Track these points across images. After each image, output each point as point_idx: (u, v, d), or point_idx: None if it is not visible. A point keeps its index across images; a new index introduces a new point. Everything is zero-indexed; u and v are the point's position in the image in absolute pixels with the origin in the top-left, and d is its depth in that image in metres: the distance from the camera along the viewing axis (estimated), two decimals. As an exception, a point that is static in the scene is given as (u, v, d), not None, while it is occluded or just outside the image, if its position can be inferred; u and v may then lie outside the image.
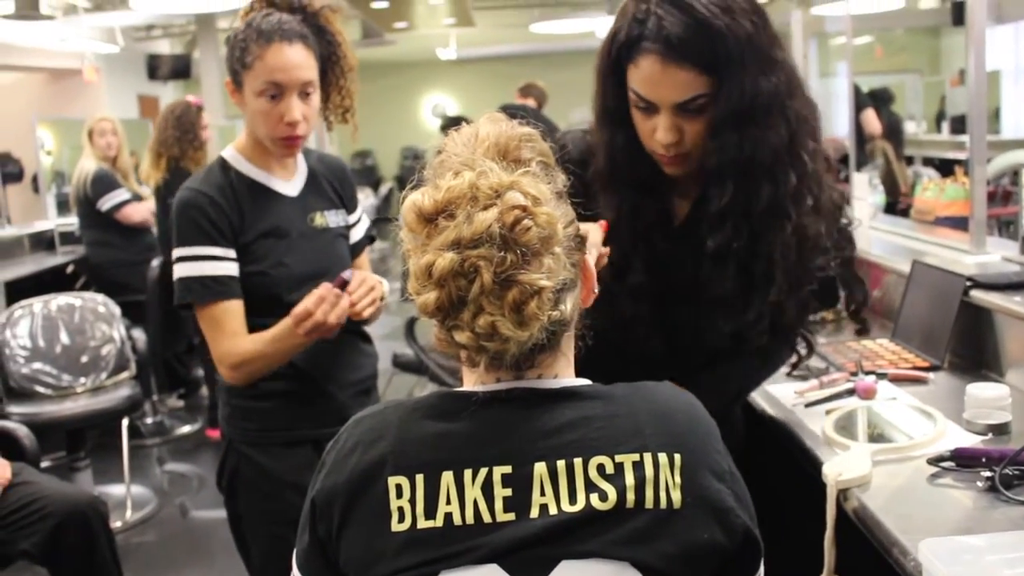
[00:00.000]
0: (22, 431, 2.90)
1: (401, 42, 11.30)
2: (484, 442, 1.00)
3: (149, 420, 5.13)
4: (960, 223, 2.96)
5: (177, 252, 1.87)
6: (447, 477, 0.99)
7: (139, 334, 4.23)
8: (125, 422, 4.12)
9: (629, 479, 0.96)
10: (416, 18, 10.69)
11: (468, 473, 0.98)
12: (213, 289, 1.84)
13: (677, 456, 0.98)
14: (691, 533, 0.97)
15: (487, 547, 0.97)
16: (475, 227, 0.94)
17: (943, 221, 3.05)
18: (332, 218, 2.01)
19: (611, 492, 0.96)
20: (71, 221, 5.69)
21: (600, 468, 0.97)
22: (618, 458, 0.97)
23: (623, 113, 1.46)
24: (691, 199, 1.55)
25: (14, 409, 3.68)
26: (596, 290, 1.08)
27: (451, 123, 6.22)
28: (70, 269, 5.37)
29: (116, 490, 4.09)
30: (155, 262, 4.88)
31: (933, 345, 2.03)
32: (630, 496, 0.96)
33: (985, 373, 1.94)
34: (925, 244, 2.70)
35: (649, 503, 0.96)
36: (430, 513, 0.98)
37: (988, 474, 1.38)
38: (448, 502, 0.98)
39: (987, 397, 1.65)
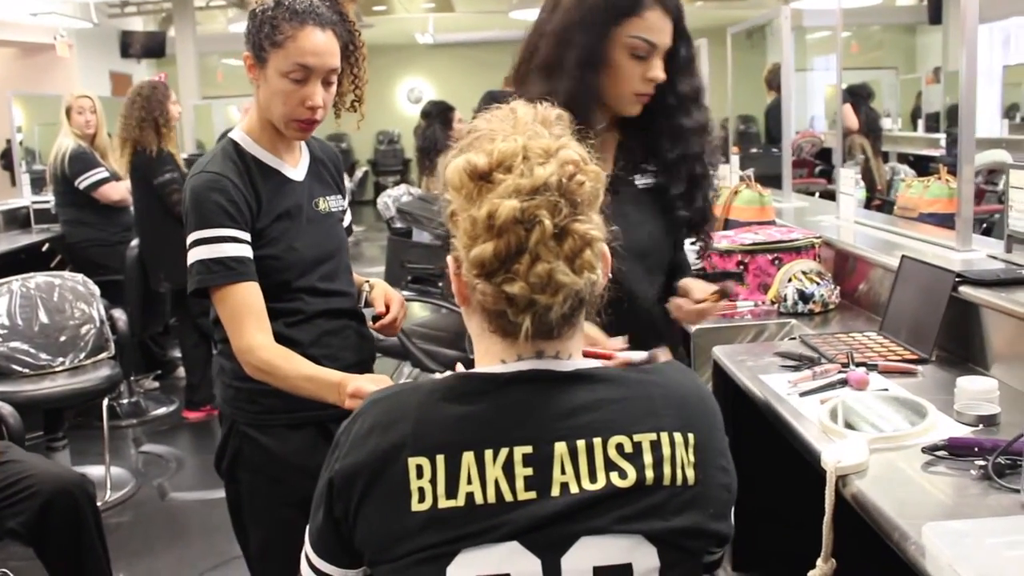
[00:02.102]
0: (6, 409, 2.88)
1: (379, 25, 11.26)
2: (504, 423, 1.03)
3: (125, 401, 5.10)
4: (944, 220, 3.03)
5: (196, 235, 1.82)
6: (468, 457, 1.01)
7: (119, 314, 4.20)
8: (105, 403, 4.10)
9: (647, 457, 1.01)
10: (394, 2, 10.65)
11: (489, 453, 1.01)
12: (236, 271, 1.80)
13: (691, 436, 1.03)
14: (702, 509, 1.03)
15: (509, 525, 1.00)
16: (535, 178, 0.99)
17: (927, 218, 3.11)
18: (333, 203, 2.02)
19: (630, 470, 1.00)
20: (46, 199, 5.62)
21: (619, 447, 1.01)
22: (636, 437, 1.01)
23: (600, 62, 1.71)
24: (613, 147, 1.83)
25: (-9, 387, 3.64)
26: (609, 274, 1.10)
27: (434, 108, 6.23)
28: (45, 247, 5.31)
29: (93, 471, 4.05)
30: (134, 242, 4.84)
31: (921, 339, 2.08)
32: (649, 474, 1.00)
33: (971, 367, 1.99)
34: (910, 240, 2.75)
35: (667, 480, 1.01)
36: (451, 493, 1.01)
37: (981, 463, 1.43)
38: (470, 482, 1.01)
39: (976, 390, 1.70)
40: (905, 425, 1.63)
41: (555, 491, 1.00)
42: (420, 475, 1.02)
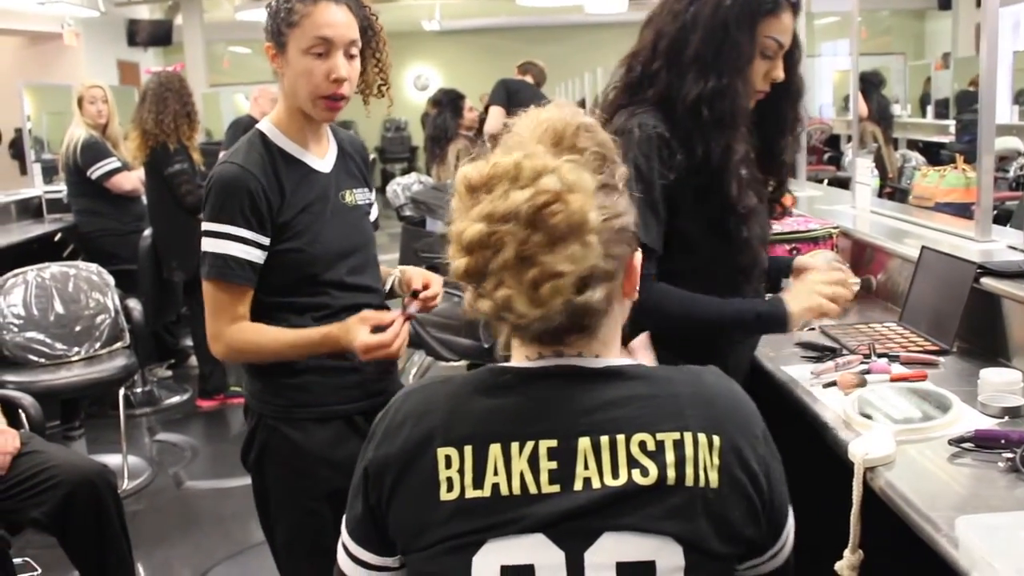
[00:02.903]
0: (27, 400, 2.90)
1: (384, 12, 11.20)
2: (531, 417, 1.04)
3: (139, 390, 5.13)
4: (960, 210, 3.03)
5: (208, 226, 1.86)
6: (495, 449, 1.03)
7: (134, 304, 4.22)
8: (121, 392, 4.12)
9: (670, 456, 1.00)
10: (401, -12, 10.61)
11: (515, 446, 1.03)
12: (234, 271, 1.84)
13: (716, 438, 1.02)
14: (726, 513, 1.01)
15: (533, 517, 1.01)
16: (507, 204, 0.98)
17: (943, 207, 3.11)
18: (360, 196, 2.03)
19: (652, 468, 1.00)
20: (58, 189, 5.64)
21: (642, 444, 1.01)
22: (659, 436, 1.01)
23: (746, 63, 1.76)
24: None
25: (8, 378, 3.66)
26: (637, 289, 1.09)
27: (445, 96, 6.23)
28: (58, 237, 5.33)
29: (109, 459, 4.08)
30: (147, 232, 4.86)
31: (941, 330, 2.08)
32: (671, 473, 1.00)
33: (992, 358, 2.00)
34: (927, 230, 2.75)
35: (689, 480, 1.00)
36: (478, 483, 1.03)
37: (1009, 455, 1.44)
38: (496, 473, 1.02)
39: (1001, 381, 1.71)
40: (918, 416, 1.64)
41: (578, 485, 1.01)
42: (449, 465, 1.04)
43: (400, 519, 1.07)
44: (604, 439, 1.02)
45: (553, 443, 1.02)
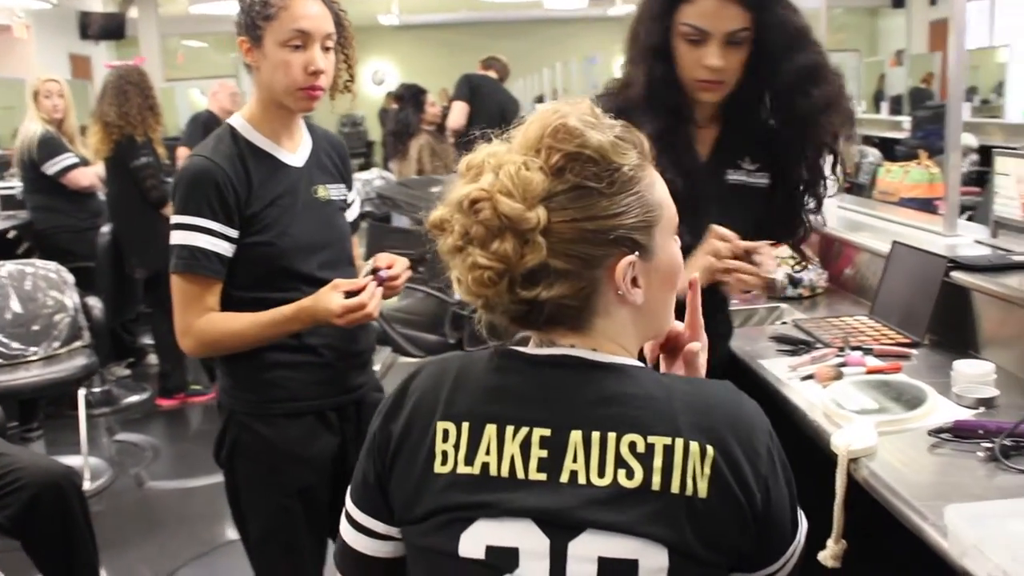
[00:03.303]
0: (-12, 401, 2.84)
1: (341, 6, 11.15)
2: (530, 403, 1.05)
3: (97, 390, 5.03)
4: (924, 204, 3.08)
5: (176, 219, 1.86)
6: (490, 429, 1.04)
7: (95, 302, 4.14)
8: (82, 392, 4.05)
9: (658, 461, 1.00)
10: (359, -17, 10.54)
11: (510, 429, 1.04)
12: (201, 263, 1.84)
13: (710, 448, 1.00)
14: (715, 523, 1.00)
15: (518, 502, 1.02)
16: (457, 194, 1.04)
17: (907, 202, 3.16)
18: (334, 191, 2.02)
19: (638, 471, 1.00)
20: (11, 185, 5.52)
21: (631, 445, 1.00)
22: (650, 439, 1.00)
23: (664, 48, 1.73)
24: (711, 140, 1.81)
25: (-35, 378, 3.58)
26: (623, 292, 1.07)
27: (407, 91, 6.20)
28: (12, 234, 5.21)
29: (69, 461, 3.99)
30: (105, 228, 4.77)
31: (913, 323, 2.12)
32: (656, 478, 0.99)
33: (962, 350, 2.03)
34: (893, 225, 2.79)
35: (675, 488, 0.99)
36: (469, 460, 1.04)
37: (988, 445, 1.47)
38: (488, 452, 1.04)
39: (974, 373, 1.74)
40: (895, 408, 1.67)
41: (564, 477, 1.01)
42: (446, 439, 1.06)
43: (398, 486, 1.09)
44: (595, 435, 1.02)
45: (546, 432, 1.03)
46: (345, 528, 1.18)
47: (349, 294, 1.86)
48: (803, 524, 1.11)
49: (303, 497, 2.00)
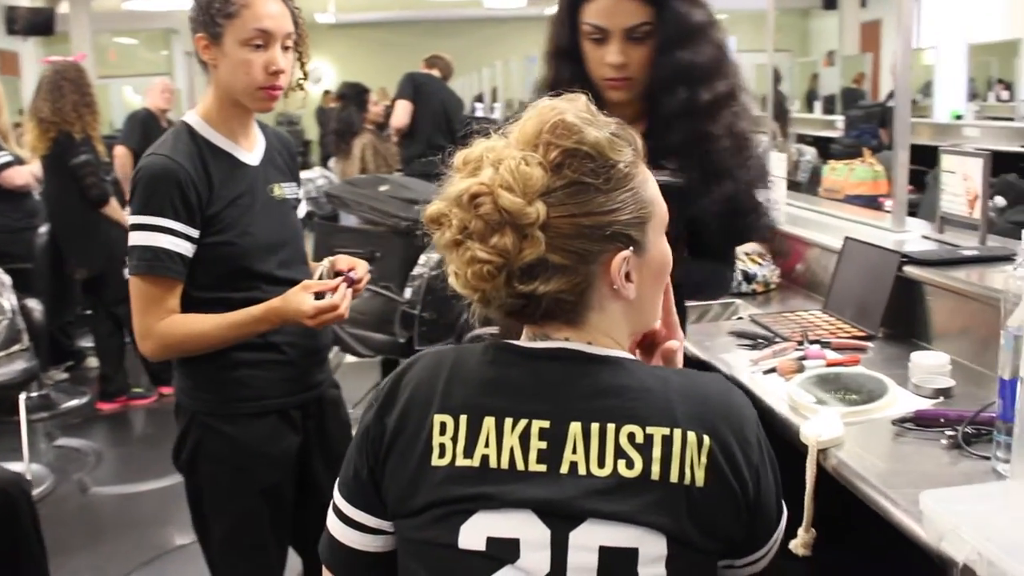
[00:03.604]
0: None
1: (295, 3, 11.01)
2: (528, 395, 1.07)
3: (35, 394, 4.90)
4: (868, 201, 3.17)
5: (137, 219, 1.83)
6: (489, 422, 1.06)
7: (35, 304, 4.04)
8: (22, 397, 3.95)
9: (657, 451, 1.02)
10: (295, -20, 10.40)
11: (509, 421, 1.05)
12: (164, 263, 1.82)
13: (706, 438, 1.03)
14: (711, 511, 1.03)
15: (519, 493, 1.03)
16: (456, 189, 1.05)
17: (852, 199, 3.24)
18: (288, 190, 2.03)
19: (638, 461, 1.02)
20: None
21: (631, 436, 1.03)
22: (649, 429, 1.03)
23: (572, 50, 1.72)
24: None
25: (-102, 385, 3.47)
26: (618, 287, 1.08)
27: (350, 90, 6.16)
28: (-58, 236, 5.05)
29: (10, 468, 3.91)
30: (42, 228, 4.66)
31: (867, 317, 2.17)
32: (655, 468, 1.02)
33: (915, 342, 2.10)
34: (840, 221, 2.86)
35: (674, 477, 1.02)
36: (468, 452, 1.05)
37: (950, 433, 1.52)
38: (487, 445, 1.05)
39: (930, 364, 1.80)
40: (858, 399, 1.72)
41: (564, 468, 1.03)
42: (443, 432, 1.06)
43: (393, 481, 1.10)
44: (595, 426, 1.03)
45: (545, 424, 1.04)
46: (334, 523, 1.17)
47: (317, 295, 1.85)
48: (785, 511, 1.15)
49: (268, 497, 1.99)
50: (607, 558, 1.01)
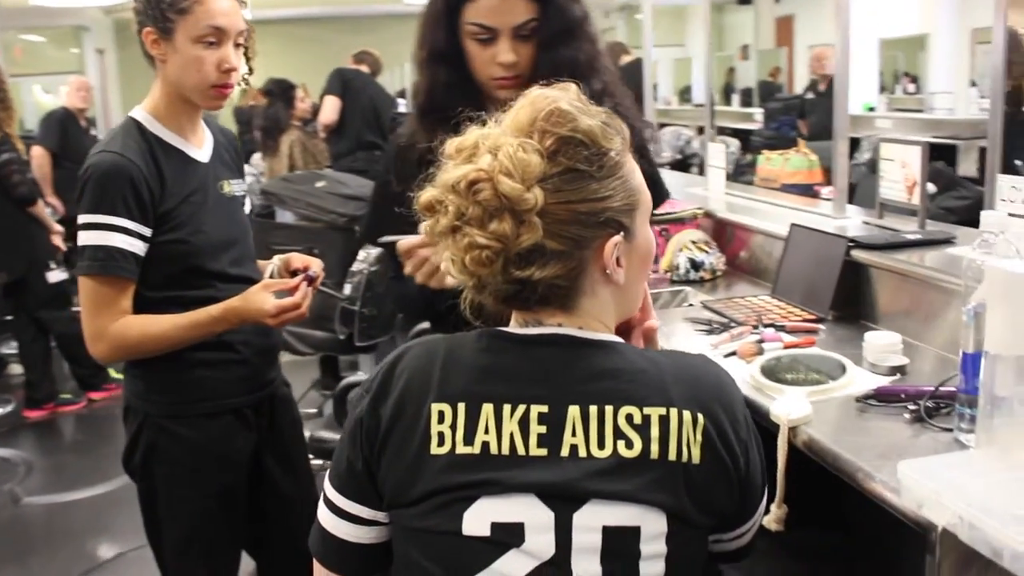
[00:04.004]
0: None
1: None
2: (525, 381, 1.08)
3: (-45, 404, 4.75)
4: (804, 190, 3.26)
5: (88, 218, 1.79)
6: (487, 408, 1.07)
7: (-42, 310, 3.89)
8: (-53, 406, 3.81)
9: (655, 431, 1.05)
10: (210, -25, 10.18)
11: (507, 407, 1.06)
12: (118, 263, 1.78)
13: (700, 417, 1.07)
14: (706, 487, 1.07)
15: (521, 478, 1.05)
16: (452, 176, 1.06)
17: (789, 188, 3.33)
18: (236, 186, 2.02)
19: (637, 441, 1.05)
20: None
21: (628, 417, 1.06)
22: (646, 410, 1.06)
23: (451, 52, 1.69)
24: None
25: None
26: (610, 272, 1.11)
27: (276, 86, 6.06)
28: None
29: (-68, 480, 3.78)
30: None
31: (816, 300, 2.24)
32: (654, 447, 1.05)
33: (863, 323, 2.17)
34: (780, 209, 2.94)
35: (672, 455, 1.05)
36: (469, 440, 1.06)
37: (913, 407, 1.58)
38: (487, 432, 1.06)
39: (884, 343, 1.87)
40: (819, 379, 1.78)
41: (565, 452, 1.05)
42: (441, 420, 1.07)
43: (390, 471, 1.10)
44: (593, 409, 1.06)
45: (544, 408, 1.06)
46: (326, 516, 1.17)
47: (279, 295, 1.84)
48: (766, 485, 1.19)
49: (223, 498, 1.98)
50: (610, 537, 1.04)
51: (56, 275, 4.64)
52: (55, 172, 5.73)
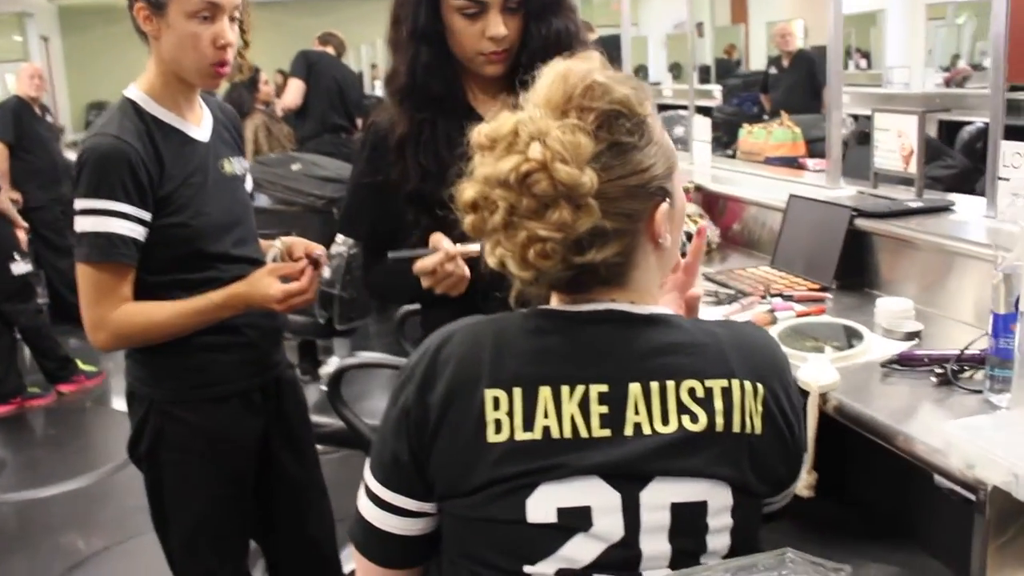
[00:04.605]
0: None
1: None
2: (581, 360, 1.05)
3: (-82, 400, 4.60)
4: (788, 162, 3.28)
5: (86, 203, 1.72)
6: (544, 392, 1.03)
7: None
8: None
9: (718, 403, 1.03)
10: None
11: (565, 389, 1.03)
12: (118, 249, 1.73)
13: (760, 386, 1.06)
14: (766, 457, 1.06)
15: (585, 461, 1.02)
16: (498, 169, 1.01)
17: (772, 160, 3.35)
18: (237, 164, 1.97)
19: (701, 415, 1.03)
20: None
21: (691, 391, 1.04)
22: (708, 383, 1.04)
23: (432, 31, 1.65)
24: None
25: None
26: (662, 241, 1.09)
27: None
28: None
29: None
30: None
31: (819, 270, 2.25)
32: (719, 420, 1.03)
33: (868, 291, 2.20)
34: (770, 181, 2.96)
35: (736, 427, 1.04)
36: (528, 426, 1.03)
37: (939, 371, 1.60)
38: (546, 416, 1.03)
39: (897, 309, 1.89)
40: (839, 346, 1.79)
41: (628, 431, 1.03)
42: (497, 407, 1.03)
43: (443, 462, 1.06)
44: (654, 385, 1.03)
45: (604, 388, 1.03)
46: (369, 509, 1.13)
47: (284, 279, 1.80)
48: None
49: (233, 484, 1.94)
50: (679, 514, 1.02)
51: (20, 267, 4.52)
52: (12, 163, 5.57)
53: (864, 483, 1.99)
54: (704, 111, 7.42)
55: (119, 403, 2.03)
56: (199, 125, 1.87)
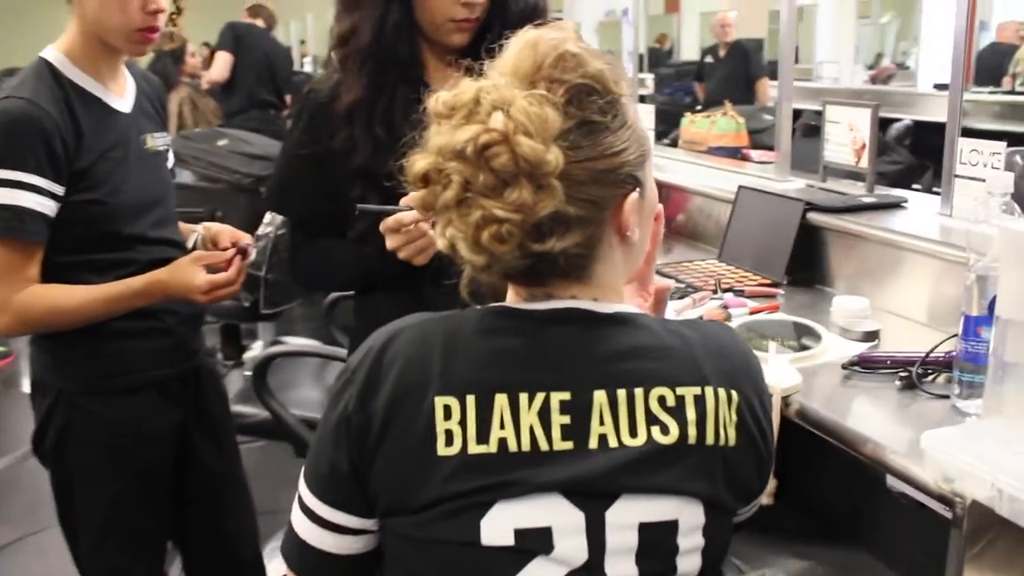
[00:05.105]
0: None
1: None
2: (540, 364, 0.95)
3: None
4: (731, 153, 3.23)
5: None
6: (500, 400, 0.93)
7: None
8: None
9: (691, 413, 0.94)
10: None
11: (524, 397, 0.93)
12: (27, 225, 1.59)
13: (735, 394, 0.97)
14: (740, 469, 0.98)
15: (545, 476, 0.92)
16: (455, 139, 0.90)
17: (715, 151, 3.29)
18: (160, 140, 1.85)
19: (673, 426, 0.94)
20: None
21: (661, 400, 0.94)
22: (679, 391, 0.95)
23: None
24: None
25: None
26: (629, 233, 0.99)
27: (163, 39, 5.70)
28: None
29: None
30: None
31: (770, 265, 2.19)
32: (691, 431, 0.94)
33: (819, 288, 2.14)
34: (715, 171, 2.90)
35: (710, 439, 0.95)
36: (482, 437, 0.92)
37: (904, 374, 1.54)
38: (502, 426, 0.92)
39: (855, 308, 1.83)
40: (797, 345, 1.73)
41: (593, 443, 0.93)
42: (448, 416, 0.92)
43: (387, 475, 0.95)
44: (621, 393, 0.93)
45: (566, 396, 0.93)
46: (304, 526, 1.01)
47: (210, 269, 1.71)
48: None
49: (146, 479, 1.84)
50: (647, 534, 0.93)
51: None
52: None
53: (808, 483, 1.94)
54: (639, 99, 7.47)
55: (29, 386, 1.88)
56: (122, 96, 1.76)
